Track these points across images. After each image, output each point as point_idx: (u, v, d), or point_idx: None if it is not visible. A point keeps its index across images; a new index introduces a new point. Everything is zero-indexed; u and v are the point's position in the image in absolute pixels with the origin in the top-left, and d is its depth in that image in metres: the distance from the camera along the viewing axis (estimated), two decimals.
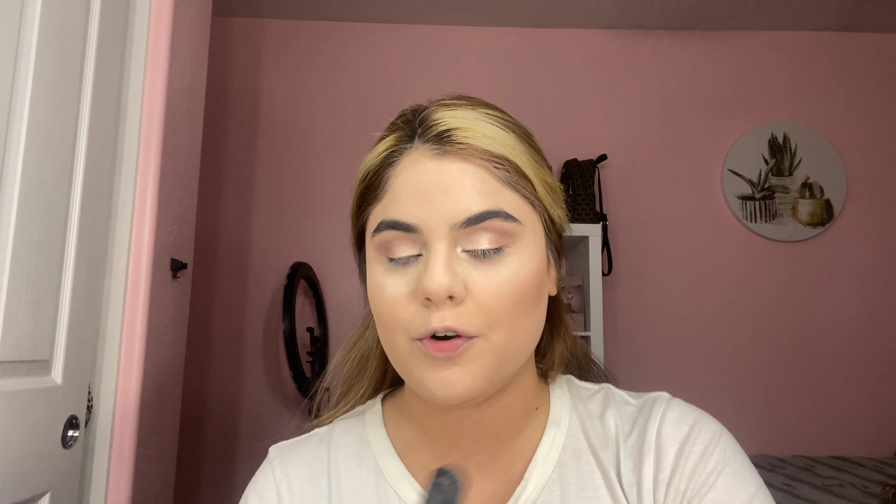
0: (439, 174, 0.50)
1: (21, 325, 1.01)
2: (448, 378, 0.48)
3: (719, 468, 0.51)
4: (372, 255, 0.53)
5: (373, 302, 0.52)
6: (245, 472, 2.27)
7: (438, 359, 0.48)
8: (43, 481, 1.07)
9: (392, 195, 0.51)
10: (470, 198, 0.49)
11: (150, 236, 1.35)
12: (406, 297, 0.50)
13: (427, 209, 0.49)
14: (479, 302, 0.48)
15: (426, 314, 0.48)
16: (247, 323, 2.38)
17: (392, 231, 0.50)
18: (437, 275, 0.47)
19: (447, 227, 0.49)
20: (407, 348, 0.50)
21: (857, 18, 2.48)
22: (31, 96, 1.02)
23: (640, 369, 2.37)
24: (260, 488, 0.61)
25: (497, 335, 0.49)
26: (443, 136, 0.51)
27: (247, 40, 2.53)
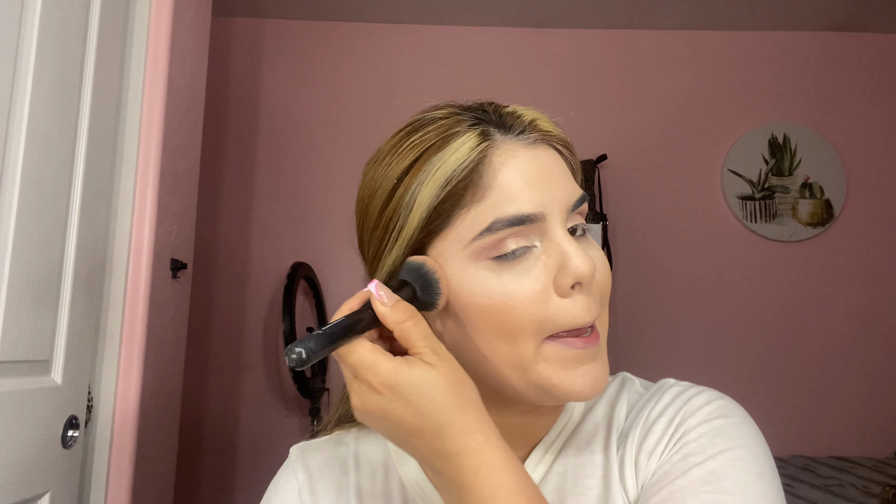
0: (541, 162, 0.50)
1: (21, 325, 1.01)
2: (596, 375, 0.48)
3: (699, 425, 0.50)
4: (465, 263, 0.48)
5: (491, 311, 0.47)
6: (245, 472, 2.27)
7: (579, 354, 0.48)
8: (43, 481, 1.07)
9: (502, 190, 0.48)
10: (570, 182, 0.51)
11: (150, 236, 1.35)
12: (541, 293, 0.47)
13: (546, 196, 0.48)
14: (598, 280, 0.49)
15: (572, 306, 0.47)
16: (247, 323, 2.38)
17: (511, 228, 0.47)
18: (583, 257, 0.47)
19: (564, 211, 0.49)
20: (537, 353, 0.47)
21: (856, 18, 2.48)
22: (31, 96, 1.02)
23: (639, 369, 2.35)
24: (282, 490, 0.60)
25: (603, 315, 0.50)
26: (531, 125, 0.51)
27: (247, 40, 2.53)
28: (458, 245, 0.48)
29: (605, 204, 2.44)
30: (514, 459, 0.44)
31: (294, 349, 0.41)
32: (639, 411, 0.55)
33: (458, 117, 0.52)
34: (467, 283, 0.48)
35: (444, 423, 0.43)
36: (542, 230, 0.48)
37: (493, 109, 0.52)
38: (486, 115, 0.52)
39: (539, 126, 0.51)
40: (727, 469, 0.46)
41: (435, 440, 0.43)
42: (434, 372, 0.44)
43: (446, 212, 0.48)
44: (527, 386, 0.49)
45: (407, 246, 0.50)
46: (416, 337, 0.45)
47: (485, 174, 0.48)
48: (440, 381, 0.43)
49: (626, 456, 0.52)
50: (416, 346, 0.44)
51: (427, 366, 0.44)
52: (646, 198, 2.47)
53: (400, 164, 0.51)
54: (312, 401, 2.16)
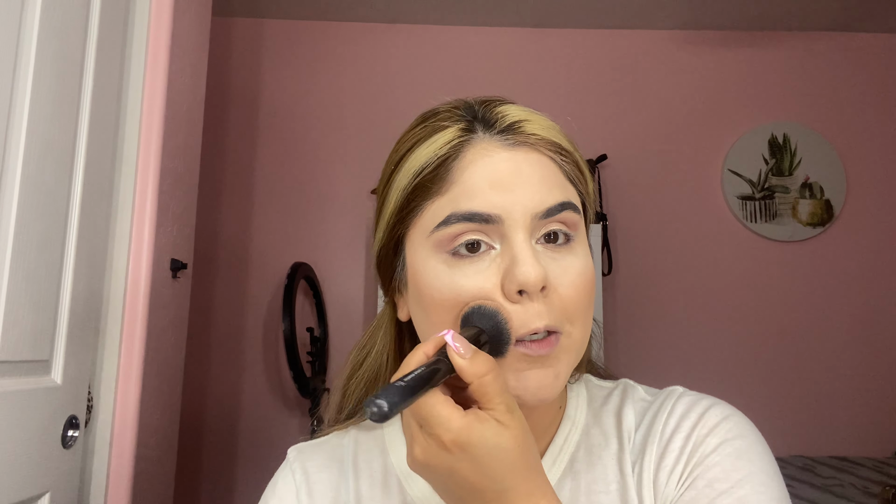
0: (515, 164, 0.49)
1: (21, 325, 1.01)
2: (542, 380, 0.47)
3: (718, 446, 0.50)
4: (426, 254, 0.50)
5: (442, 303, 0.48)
6: (245, 471, 2.27)
7: (531, 359, 0.47)
8: (43, 481, 1.07)
9: (464, 187, 0.48)
10: (547, 189, 0.49)
11: (150, 236, 1.35)
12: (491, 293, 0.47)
13: (507, 199, 0.47)
14: (563, 295, 0.48)
15: (522, 312, 0.46)
16: (247, 323, 2.38)
17: (466, 223, 0.47)
18: (530, 264, 0.45)
19: (528, 217, 0.47)
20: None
21: (857, 18, 2.48)
22: (31, 96, 1.02)
23: (639, 369, 2.36)
24: (280, 491, 0.59)
25: (576, 331, 0.49)
26: (514, 126, 0.50)
27: (247, 40, 2.53)
28: (422, 235, 0.50)
29: (605, 204, 2.44)
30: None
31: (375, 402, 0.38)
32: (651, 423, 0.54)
33: (454, 112, 0.53)
34: (426, 273, 0.50)
35: (509, 487, 0.41)
36: (502, 233, 0.48)
37: (485, 107, 0.52)
38: (474, 110, 0.52)
39: (524, 129, 0.50)
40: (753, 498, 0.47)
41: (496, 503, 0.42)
42: (507, 433, 0.42)
43: (416, 201, 0.50)
44: None
45: (388, 228, 0.53)
46: (493, 392, 0.42)
47: (453, 169, 0.49)
48: (512, 443, 0.41)
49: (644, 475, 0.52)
50: (492, 403, 0.42)
51: (500, 426, 0.42)
52: (646, 198, 2.47)
53: (398, 151, 0.54)
54: (312, 401, 2.16)
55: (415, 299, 0.52)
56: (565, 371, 0.49)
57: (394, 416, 0.39)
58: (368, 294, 2.40)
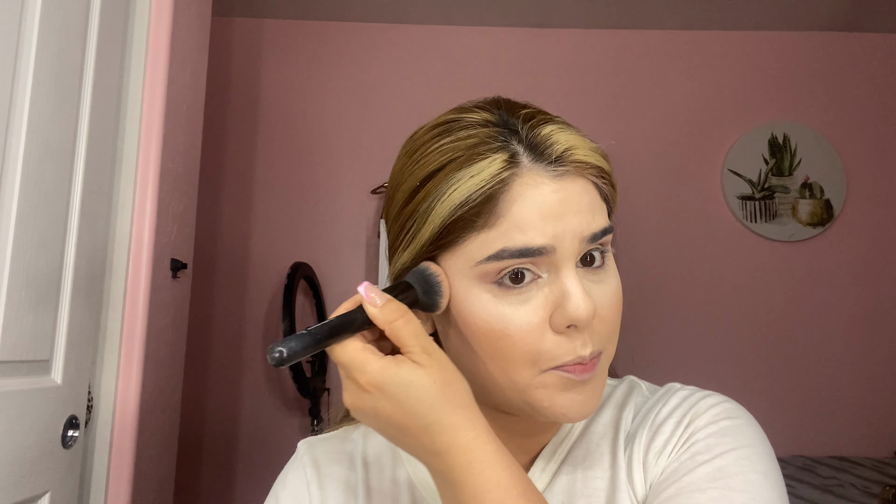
0: (564, 194, 0.48)
1: (21, 325, 1.01)
2: (584, 400, 0.49)
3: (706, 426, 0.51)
4: (470, 283, 0.49)
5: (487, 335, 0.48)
6: (245, 471, 2.27)
7: (573, 382, 0.48)
8: (43, 481, 1.07)
9: (514, 221, 0.47)
10: (591, 215, 0.50)
11: (150, 236, 1.35)
12: (538, 328, 0.47)
13: (558, 229, 0.47)
14: (604, 318, 0.49)
15: (568, 342, 0.47)
16: (247, 323, 2.38)
17: (519, 259, 0.47)
18: (583, 301, 0.47)
19: (577, 244, 0.48)
20: (534, 380, 0.48)
21: (857, 18, 2.48)
22: (31, 96, 1.02)
23: (639, 369, 2.35)
24: (290, 484, 0.59)
25: (610, 348, 0.51)
26: (561, 156, 0.49)
27: (247, 40, 2.53)
28: (466, 264, 0.49)
29: None
30: (506, 454, 0.44)
31: (276, 348, 0.41)
32: (646, 413, 0.56)
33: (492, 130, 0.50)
34: (470, 303, 0.49)
35: (431, 422, 0.43)
36: (551, 262, 0.48)
37: (529, 129, 0.50)
38: (518, 134, 0.50)
39: (573, 157, 0.50)
40: (734, 467, 0.48)
41: (424, 437, 0.44)
42: (422, 371, 0.44)
43: (457, 231, 0.49)
44: (520, 403, 0.50)
45: (418, 254, 0.51)
46: (406, 335, 0.45)
47: (501, 202, 0.48)
48: (427, 379, 0.44)
49: (634, 456, 0.53)
50: (407, 345, 0.45)
51: (415, 365, 0.44)
52: (646, 198, 2.47)
53: (426, 166, 0.51)
54: (312, 401, 2.16)
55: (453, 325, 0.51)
56: (601, 389, 0.51)
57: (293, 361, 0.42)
58: None
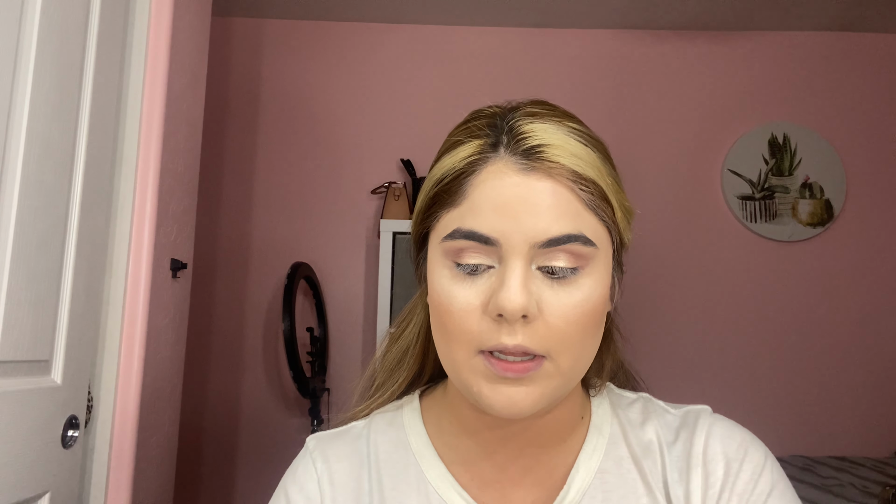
0: (525, 190, 0.49)
1: (21, 325, 1.01)
2: (512, 396, 0.49)
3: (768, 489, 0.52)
4: (437, 258, 0.52)
5: (437, 308, 0.51)
6: (245, 471, 2.27)
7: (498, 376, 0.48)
8: (43, 481, 1.07)
9: (471, 204, 0.50)
10: (553, 218, 0.48)
11: (150, 236, 1.35)
12: (476, 309, 0.49)
13: (508, 225, 0.48)
14: (550, 324, 0.48)
15: (496, 329, 0.48)
16: (247, 323, 2.38)
17: (467, 241, 0.49)
18: (514, 293, 0.47)
19: (527, 245, 0.48)
20: (467, 361, 0.50)
21: (857, 18, 2.48)
22: (31, 96, 1.02)
23: (639, 369, 2.36)
24: (301, 479, 0.59)
25: (564, 359, 0.49)
26: (532, 151, 0.49)
27: (247, 40, 2.53)
28: (436, 240, 0.53)
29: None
30: None
31: None
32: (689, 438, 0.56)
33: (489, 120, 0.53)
34: (433, 278, 0.53)
35: None
36: (499, 255, 0.49)
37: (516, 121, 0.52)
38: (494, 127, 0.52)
39: (543, 154, 0.49)
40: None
41: None
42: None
43: (434, 208, 0.53)
44: (460, 385, 0.52)
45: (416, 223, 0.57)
46: None
47: (467, 184, 0.51)
48: None
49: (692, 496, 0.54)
50: None
51: None
52: (646, 198, 2.47)
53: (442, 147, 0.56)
54: (312, 401, 2.16)
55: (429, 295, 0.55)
56: (541, 392, 0.49)
57: None
58: (368, 294, 2.40)
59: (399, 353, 0.65)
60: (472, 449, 0.58)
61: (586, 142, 0.52)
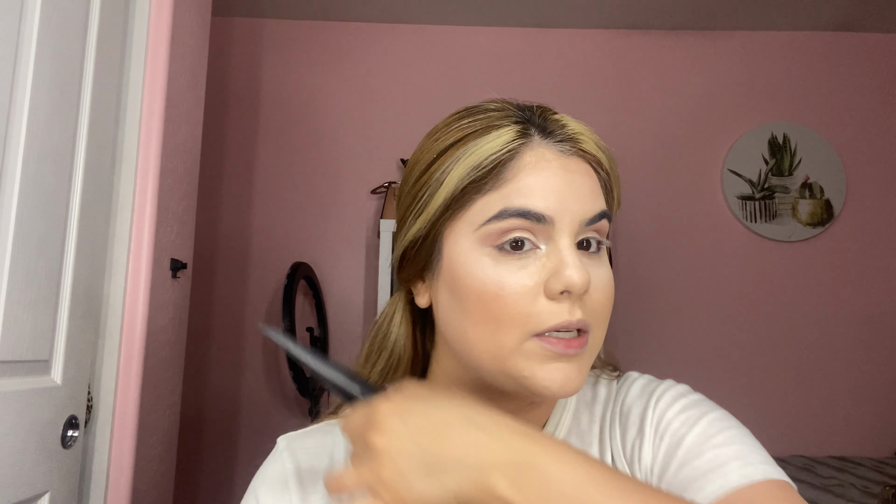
0: (569, 173, 0.51)
1: (21, 325, 1.01)
2: (569, 374, 0.49)
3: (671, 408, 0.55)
4: (470, 247, 0.51)
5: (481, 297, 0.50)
6: (245, 472, 2.27)
7: (557, 354, 0.49)
8: (43, 481, 1.07)
9: (519, 186, 0.50)
10: (592, 198, 0.52)
11: (150, 236, 1.35)
12: (531, 290, 0.49)
13: (560, 203, 0.50)
14: (594, 298, 0.50)
15: (557, 307, 0.48)
16: (247, 323, 2.38)
17: (519, 219, 0.49)
18: (579, 269, 0.48)
19: (576, 222, 0.50)
20: (518, 346, 0.49)
21: (857, 18, 2.48)
22: (31, 96, 1.02)
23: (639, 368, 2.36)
24: (269, 479, 0.60)
25: (598, 332, 0.52)
26: (571, 137, 0.53)
27: (247, 40, 2.53)
28: (469, 227, 0.51)
29: None
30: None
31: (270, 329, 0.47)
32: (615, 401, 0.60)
33: (507, 111, 0.54)
34: (469, 265, 0.51)
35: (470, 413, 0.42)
36: (549, 234, 0.50)
37: (541, 112, 0.54)
38: (531, 115, 0.54)
39: (579, 141, 0.53)
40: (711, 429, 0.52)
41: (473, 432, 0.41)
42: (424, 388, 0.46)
43: (467, 196, 0.51)
44: (499, 374, 0.51)
45: (429, 220, 0.53)
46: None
47: (510, 168, 0.51)
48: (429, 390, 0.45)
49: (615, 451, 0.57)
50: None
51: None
52: (646, 197, 2.47)
53: (444, 141, 0.53)
54: (312, 401, 2.16)
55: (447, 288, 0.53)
56: (587, 368, 0.51)
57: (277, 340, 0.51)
58: (368, 294, 2.40)
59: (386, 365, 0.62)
60: None
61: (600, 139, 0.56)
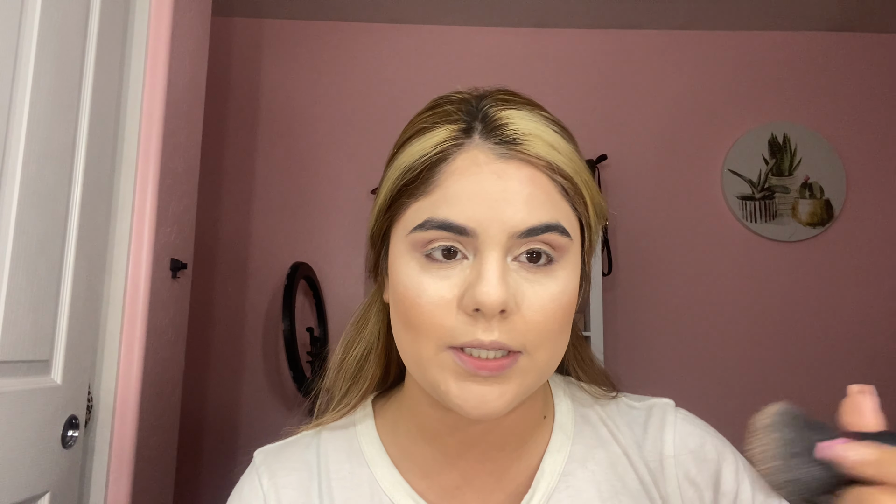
0: (503, 179, 0.46)
1: (21, 325, 1.01)
2: (484, 395, 0.46)
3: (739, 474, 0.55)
4: (403, 250, 0.48)
5: (403, 302, 0.48)
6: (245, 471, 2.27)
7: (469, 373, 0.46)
8: (43, 481, 1.07)
9: (446, 193, 0.46)
10: (532, 208, 0.46)
11: (150, 236, 1.35)
12: (448, 303, 0.46)
13: (485, 214, 0.45)
14: (528, 318, 0.46)
15: (471, 324, 0.45)
16: (247, 323, 2.38)
17: (441, 231, 0.46)
18: (493, 287, 0.44)
19: (505, 235, 0.45)
20: (435, 357, 0.47)
21: (857, 18, 2.48)
22: (31, 96, 1.02)
23: (639, 369, 2.36)
24: (246, 497, 0.57)
25: (541, 353, 0.47)
26: (511, 139, 0.47)
27: (247, 40, 2.53)
28: (403, 232, 0.49)
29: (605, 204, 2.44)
30: None
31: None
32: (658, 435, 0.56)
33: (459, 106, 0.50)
34: (399, 268, 0.49)
35: None
36: (476, 246, 0.46)
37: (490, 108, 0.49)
38: (468, 113, 0.49)
39: (521, 143, 0.47)
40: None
41: None
42: None
43: (402, 199, 0.49)
44: (426, 384, 0.49)
45: (377, 216, 0.53)
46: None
47: (440, 172, 0.47)
48: None
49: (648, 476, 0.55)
50: None
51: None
52: (646, 198, 2.47)
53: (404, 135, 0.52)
54: (313, 401, 2.16)
55: (391, 290, 0.51)
56: (516, 391, 0.47)
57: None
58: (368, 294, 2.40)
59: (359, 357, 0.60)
60: (430, 455, 0.55)
61: (560, 131, 0.50)
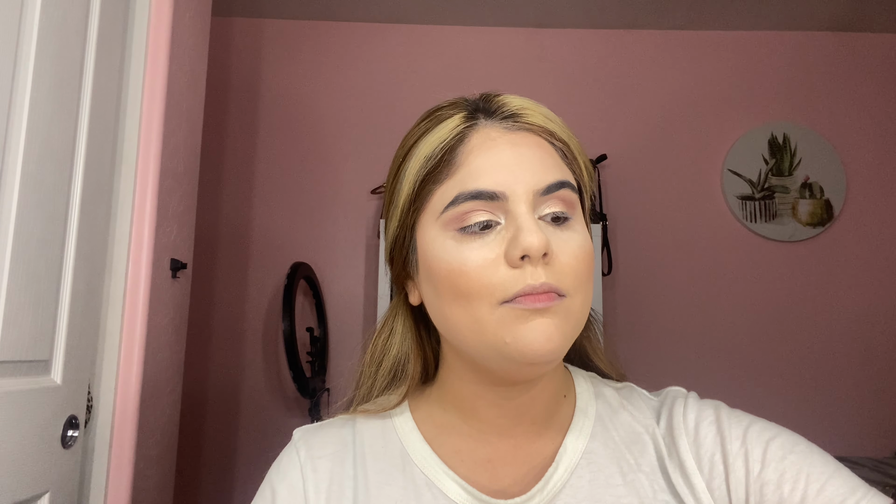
0: (517, 147, 0.53)
1: (21, 325, 1.01)
2: (546, 330, 0.49)
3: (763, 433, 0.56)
4: (436, 234, 0.53)
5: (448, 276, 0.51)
6: (245, 471, 2.27)
7: (535, 311, 0.49)
8: (43, 481, 1.07)
9: (469, 169, 0.52)
10: (546, 168, 0.53)
11: (150, 236, 1.35)
12: (493, 262, 0.50)
13: (510, 177, 0.51)
14: (563, 262, 0.51)
15: (519, 275, 0.49)
16: (247, 323, 2.38)
17: (473, 202, 0.51)
18: (534, 233, 0.49)
19: (530, 193, 0.51)
20: (491, 316, 0.50)
21: (857, 18, 2.48)
22: (31, 96, 1.02)
23: (640, 369, 2.36)
24: (284, 468, 0.61)
25: (577, 297, 0.51)
26: (515, 114, 0.55)
27: (247, 40, 2.53)
28: (433, 217, 0.54)
29: (605, 204, 2.44)
30: None
31: None
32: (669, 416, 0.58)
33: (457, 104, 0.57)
34: (436, 251, 0.53)
35: None
36: (506, 209, 0.51)
37: (485, 97, 0.57)
38: (477, 102, 0.57)
39: (524, 117, 0.55)
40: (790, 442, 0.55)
41: None
42: None
43: (427, 187, 0.54)
44: (486, 349, 0.51)
45: (401, 219, 0.57)
46: None
47: (460, 154, 0.53)
48: None
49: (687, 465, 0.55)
50: None
51: None
52: (646, 198, 2.47)
53: (405, 146, 0.58)
54: (312, 401, 2.16)
55: (425, 278, 0.55)
56: (568, 331, 0.51)
57: None
58: (368, 294, 2.40)
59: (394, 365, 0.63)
60: (465, 432, 0.59)
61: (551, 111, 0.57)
